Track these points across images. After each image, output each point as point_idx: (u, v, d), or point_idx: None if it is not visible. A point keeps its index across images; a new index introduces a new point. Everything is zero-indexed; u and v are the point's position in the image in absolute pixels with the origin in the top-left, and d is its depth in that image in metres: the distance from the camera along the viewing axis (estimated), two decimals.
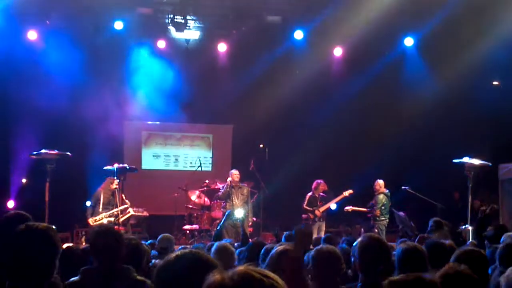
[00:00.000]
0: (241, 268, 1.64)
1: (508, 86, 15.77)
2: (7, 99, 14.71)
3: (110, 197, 12.03)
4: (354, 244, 4.28)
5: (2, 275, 2.96)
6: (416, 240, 7.84)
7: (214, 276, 1.62)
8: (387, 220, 13.87)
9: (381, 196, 13.79)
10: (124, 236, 5.39)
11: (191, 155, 17.58)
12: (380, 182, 13.94)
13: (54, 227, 3.31)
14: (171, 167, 17.60)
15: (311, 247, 7.47)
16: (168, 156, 17.62)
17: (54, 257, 3.15)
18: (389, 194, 13.92)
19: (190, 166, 17.24)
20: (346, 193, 13.93)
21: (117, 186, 12.02)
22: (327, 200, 13.92)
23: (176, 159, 17.66)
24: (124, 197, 12.10)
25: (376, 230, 13.33)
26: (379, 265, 3.91)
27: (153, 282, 2.44)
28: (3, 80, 14.49)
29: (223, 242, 5.99)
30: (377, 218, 13.70)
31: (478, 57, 14.57)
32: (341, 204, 14.20)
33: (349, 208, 14.06)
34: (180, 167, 17.59)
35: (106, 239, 4.32)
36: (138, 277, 4.25)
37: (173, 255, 2.37)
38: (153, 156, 17.52)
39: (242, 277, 1.58)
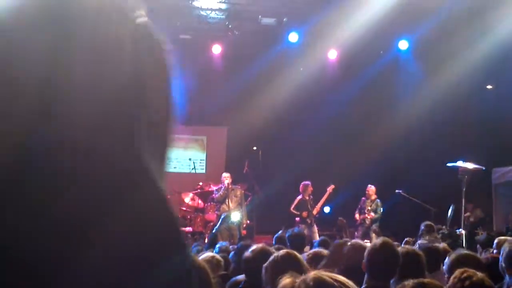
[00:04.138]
0: (313, 272, 1.64)
1: (502, 90, 15.82)
2: None
3: None
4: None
5: None
6: (402, 243, 7.88)
7: (286, 280, 1.63)
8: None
9: (379, 202, 13.88)
10: None
11: (185, 157, 17.53)
12: (373, 188, 14.02)
13: None
14: None
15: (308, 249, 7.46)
16: None
17: None
18: None
19: (185, 168, 17.20)
20: (330, 189, 13.98)
21: None
22: (317, 201, 13.94)
23: (170, 161, 17.56)
24: None
25: (373, 234, 13.34)
26: (387, 269, 3.90)
27: None
28: None
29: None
30: (377, 222, 13.76)
31: (472, 61, 14.60)
32: (334, 207, 14.23)
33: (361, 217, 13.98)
34: (174, 169, 17.52)
35: None
36: None
37: None
38: None
39: (315, 281, 1.58)
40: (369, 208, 13.85)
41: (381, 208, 13.96)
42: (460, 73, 14.71)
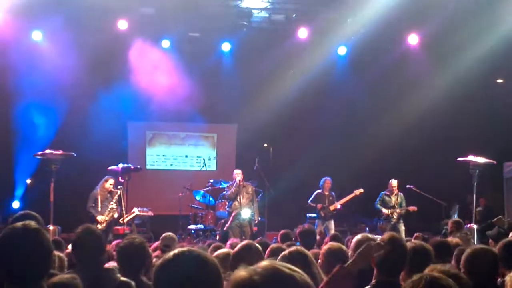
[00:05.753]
0: (267, 263, 1.55)
1: None
2: (11, 99, 14.72)
3: (107, 194, 11.94)
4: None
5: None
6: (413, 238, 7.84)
7: (240, 273, 1.53)
8: None
9: (402, 195, 13.76)
10: (128, 236, 5.39)
11: (195, 155, 17.58)
12: (396, 181, 13.83)
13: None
14: (176, 167, 17.58)
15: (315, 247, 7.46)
16: (172, 155, 17.61)
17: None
18: None
19: (195, 166, 17.25)
20: (357, 192, 13.82)
21: (112, 186, 11.93)
22: (337, 198, 13.84)
23: (181, 159, 17.64)
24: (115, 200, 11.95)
25: (402, 228, 13.29)
26: (395, 264, 3.91)
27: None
28: (7, 80, 14.50)
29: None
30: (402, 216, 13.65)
31: (482, 55, 14.53)
32: (351, 203, 14.17)
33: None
34: (185, 166, 17.58)
35: (90, 240, 4.33)
36: (122, 279, 4.26)
37: (171, 253, 2.34)
38: (157, 156, 17.51)
39: (271, 273, 1.51)
40: (396, 202, 13.69)
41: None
42: (469, 67, 14.64)
